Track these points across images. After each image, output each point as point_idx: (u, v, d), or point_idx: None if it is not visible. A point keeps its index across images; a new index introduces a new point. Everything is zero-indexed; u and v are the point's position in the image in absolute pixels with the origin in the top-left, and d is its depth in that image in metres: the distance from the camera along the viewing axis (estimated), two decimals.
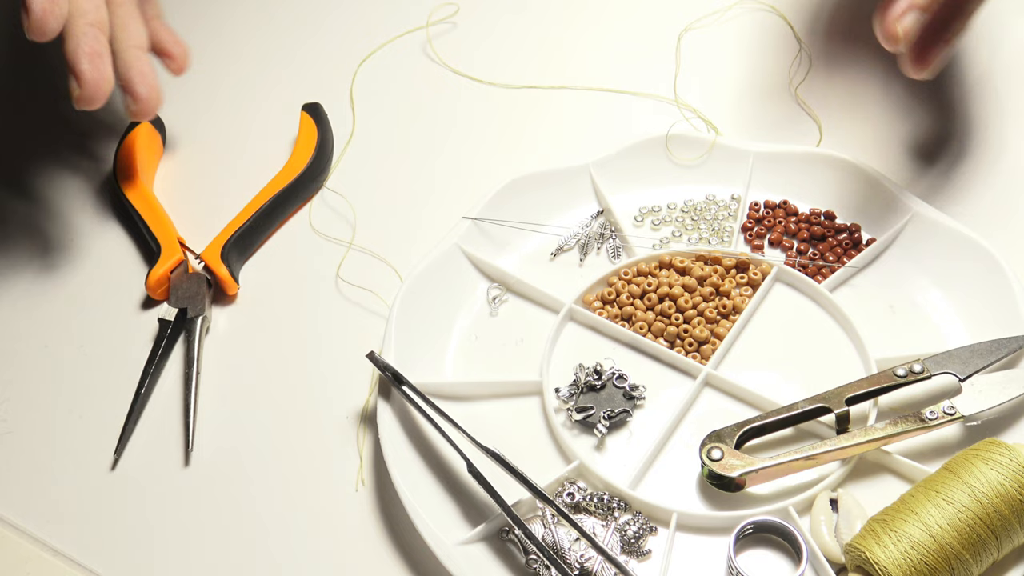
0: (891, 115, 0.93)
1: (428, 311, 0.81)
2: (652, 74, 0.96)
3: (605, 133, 0.92)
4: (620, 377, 0.77)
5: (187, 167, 0.95)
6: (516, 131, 0.95)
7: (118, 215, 0.92)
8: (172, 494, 0.76)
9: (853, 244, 0.83)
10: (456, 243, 0.83)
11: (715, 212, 0.86)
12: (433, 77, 0.99)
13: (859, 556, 0.66)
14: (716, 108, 0.93)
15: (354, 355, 0.79)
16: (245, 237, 0.87)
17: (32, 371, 0.83)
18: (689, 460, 0.74)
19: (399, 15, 1.02)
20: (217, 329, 0.84)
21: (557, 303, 0.81)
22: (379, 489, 0.75)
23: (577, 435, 0.75)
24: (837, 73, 0.96)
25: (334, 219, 0.90)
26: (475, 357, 0.80)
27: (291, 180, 0.89)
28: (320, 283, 0.86)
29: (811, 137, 0.91)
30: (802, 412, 0.73)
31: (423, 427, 0.75)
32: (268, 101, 0.99)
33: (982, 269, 0.79)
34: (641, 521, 0.71)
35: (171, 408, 0.80)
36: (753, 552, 0.70)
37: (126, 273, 0.88)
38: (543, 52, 1.00)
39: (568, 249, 0.85)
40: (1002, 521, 0.65)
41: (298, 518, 0.74)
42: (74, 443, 0.79)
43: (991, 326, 0.76)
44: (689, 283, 0.81)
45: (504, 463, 0.71)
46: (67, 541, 0.74)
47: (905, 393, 0.75)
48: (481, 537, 0.71)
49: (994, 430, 0.73)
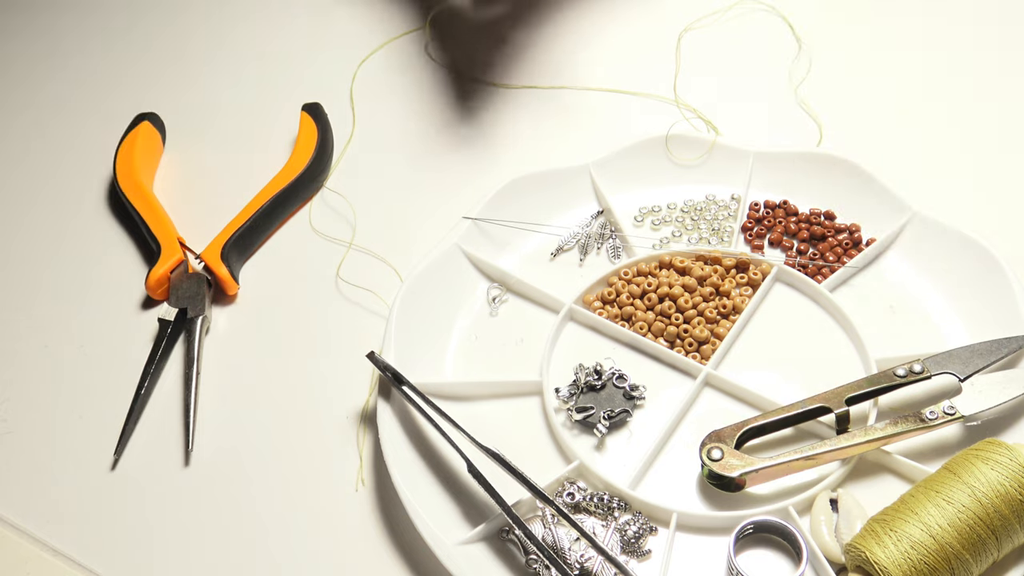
0: (891, 115, 0.93)
1: (428, 311, 0.80)
2: (652, 74, 0.96)
3: (605, 133, 0.92)
4: (620, 377, 0.77)
5: (187, 167, 0.95)
6: (516, 131, 0.95)
7: (118, 215, 0.92)
8: (172, 494, 0.76)
9: (853, 244, 0.83)
10: (456, 243, 0.83)
11: (715, 212, 0.86)
12: (433, 77, 0.99)
13: (859, 556, 0.66)
14: (716, 108, 0.93)
15: (354, 355, 0.79)
16: (245, 237, 0.87)
17: (32, 371, 0.83)
18: (689, 460, 0.74)
19: (399, 15, 1.02)
20: (217, 329, 0.84)
21: (557, 303, 0.81)
22: (379, 489, 0.75)
23: (577, 435, 0.75)
24: (837, 73, 0.96)
25: (334, 219, 0.90)
26: (475, 357, 0.80)
27: (291, 180, 0.89)
28: (320, 283, 0.86)
29: (811, 137, 0.91)
30: (802, 412, 0.73)
31: (423, 427, 0.75)
32: (268, 101, 0.99)
33: (982, 269, 0.79)
34: (641, 521, 0.71)
35: (171, 408, 0.80)
36: (753, 552, 0.70)
37: (126, 273, 0.88)
38: (543, 52, 1.00)
39: (568, 249, 0.85)
40: (1002, 521, 0.65)
41: (298, 518, 0.74)
42: (74, 443, 0.79)
43: (991, 326, 0.76)
44: (689, 283, 0.81)
45: (504, 463, 0.71)
46: (67, 541, 0.74)
47: (905, 393, 0.75)
48: (481, 537, 0.71)
49: (994, 430, 0.73)
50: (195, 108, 0.99)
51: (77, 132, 0.98)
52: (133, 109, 0.96)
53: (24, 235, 0.91)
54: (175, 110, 0.97)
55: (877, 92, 0.94)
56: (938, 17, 1.00)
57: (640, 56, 0.99)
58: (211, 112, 0.98)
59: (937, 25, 1.00)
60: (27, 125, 0.99)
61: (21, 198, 0.94)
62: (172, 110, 0.97)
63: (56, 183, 0.94)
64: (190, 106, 0.99)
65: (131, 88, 1.01)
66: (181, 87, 1.01)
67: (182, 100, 0.99)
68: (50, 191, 0.94)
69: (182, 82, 1.01)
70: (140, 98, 0.99)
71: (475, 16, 1.02)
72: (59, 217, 0.92)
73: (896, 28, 1.00)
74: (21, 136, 0.98)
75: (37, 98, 1.01)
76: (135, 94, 1.00)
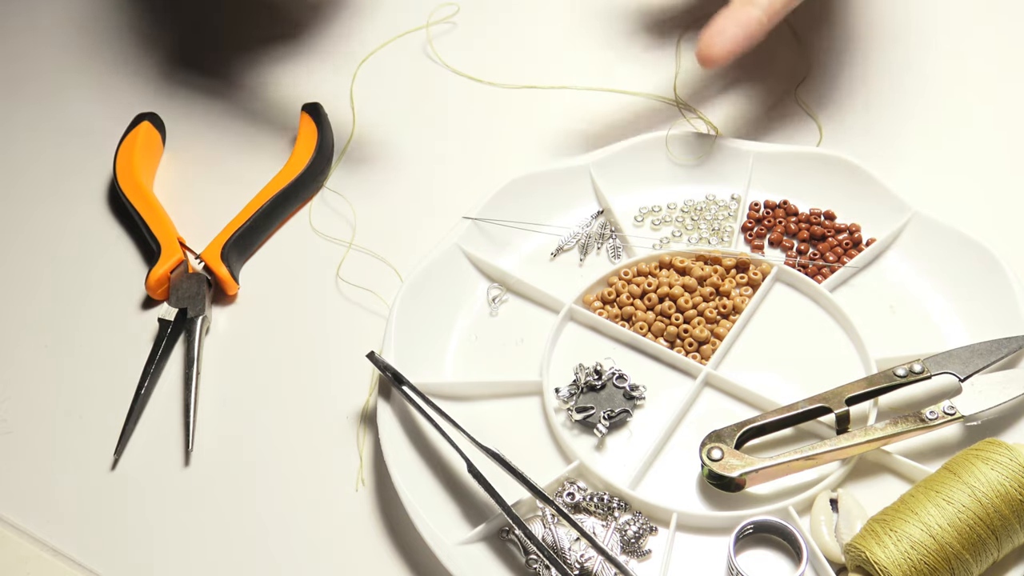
0: (891, 115, 0.93)
1: (428, 311, 0.80)
2: (652, 74, 0.96)
3: (605, 133, 0.92)
4: (620, 377, 0.77)
5: (187, 167, 0.95)
6: (516, 131, 0.94)
7: (118, 215, 0.92)
8: (172, 494, 0.76)
9: (853, 244, 0.83)
10: (456, 243, 0.83)
11: (715, 212, 0.86)
12: (433, 77, 0.99)
13: (859, 556, 0.66)
14: (716, 108, 0.93)
15: (354, 355, 0.79)
16: (245, 237, 0.87)
17: (32, 371, 0.83)
18: (689, 460, 0.74)
19: (399, 15, 1.02)
20: (217, 329, 0.84)
21: (557, 303, 0.81)
22: (379, 489, 0.75)
23: (577, 435, 0.75)
24: (837, 73, 0.96)
25: (334, 219, 0.90)
26: (475, 357, 0.80)
27: (291, 180, 0.89)
28: (320, 283, 0.86)
29: (811, 137, 0.91)
30: (802, 412, 0.73)
31: (423, 427, 0.75)
32: (268, 101, 0.99)
33: (982, 269, 0.79)
34: (641, 521, 0.71)
35: (171, 408, 0.80)
36: (753, 552, 0.70)
37: (126, 273, 0.88)
38: (543, 52, 1.00)
39: (568, 249, 0.85)
40: (1002, 521, 0.65)
41: (298, 518, 0.74)
42: (74, 443, 0.79)
43: (991, 326, 0.76)
44: (689, 283, 0.81)
45: (504, 463, 0.71)
46: (67, 541, 0.74)
47: (905, 393, 0.75)
48: (481, 537, 0.71)
49: (994, 430, 0.73)
50: (195, 108, 0.98)
51: (77, 132, 0.98)
52: (133, 109, 0.96)
53: (24, 235, 0.91)
54: (175, 110, 0.97)
55: (877, 92, 0.94)
56: (938, 17, 1.00)
57: (640, 56, 0.99)
58: (211, 112, 0.98)
59: (937, 25, 1.00)
60: (27, 125, 0.99)
61: (21, 198, 0.94)
62: (172, 110, 0.97)
63: (56, 183, 0.94)
64: (190, 106, 0.99)
65: (131, 88, 1.01)
66: (181, 87, 1.01)
67: (182, 100, 0.99)
68: (50, 191, 0.94)
69: (182, 82, 1.01)
70: (140, 98, 0.99)
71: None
72: (59, 217, 0.92)
73: (896, 28, 1.00)
74: (21, 136, 0.98)
75: (37, 98, 1.01)
76: (135, 94, 1.00)
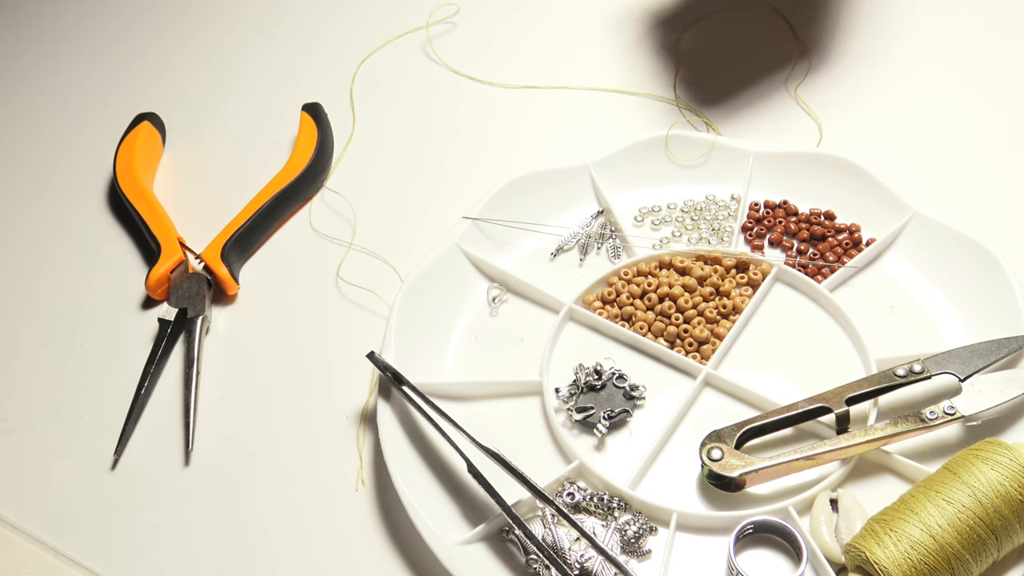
0: (891, 115, 0.93)
1: (428, 311, 0.80)
2: (652, 74, 0.96)
3: (605, 133, 0.92)
4: (620, 377, 0.77)
5: (187, 167, 0.95)
6: (516, 131, 0.95)
7: (118, 215, 0.92)
8: (172, 494, 0.76)
9: (853, 244, 0.83)
10: (456, 243, 0.83)
11: (715, 212, 0.86)
12: (433, 77, 0.99)
13: (859, 556, 0.66)
14: (716, 108, 0.93)
15: (354, 355, 0.79)
16: (245, 237, 0.87)
17: (32, 371, 0.83)
18: (689, 460, 0.74)
19: (399, 15, 1.02)
20: (217, 329, 0.84)
21: (557, 303, 0.81)
22: (379, 489, 0.75)
23: (577, 435, 0.75)
24: (837, 73, 0.96)
25: (334, 219, 0.90)
26: (475, 357, 0.80)
27: (291, 180, 0.89)
28: (320, 283, 0.86)
29: (811, 137, 0.91)
30: (802, 412, 0.73)
31: (423, 427, 0.75)
32: (268, 101, 0.99)
33: (982, 269, 0.79)
34: (641, 521, 0.71)
35: (171, 408, 0.80)
36: (753, 552, 0.70)
37: (126, 273, 0.88)
38: (543, 52, 1.00)
39: (568, 249, 0.85)
40: (1002, 521, 0.65)
41: (298, 518, 0.74)
42: (74, 443, 0.79)
43: (991, 326, 0.77)
44: (689, 283, 0.81)
45: (504, 463, 0.71)
46: (67, 541, 0.74)
47: (905, 393, 0.75)
48: (481, 537, 0.71)
49: (994, 430, 0.73)
50: (195, 108, 0.99)
51: (77, 132, 0.98)
52: (133, 109, 0.96)
53: (24, 235, 0.91)
54: (175, 110, 0.98)
55: (877, 92, 0.94)
56: (938, 17, 1.00)
57: (640, 56, 0.99)
58: (211, 112, 0.98)
59: (937, 25, 1.00)
60: (27, 125, 0.99)
61: (21, 198, 0.94)
62: (172, 110, 0.97)
63: (56, 183, 0.94)
64: (190, 106, 0.99)
65: (131, 88, 1.01)
66: (181, 87, 1.01)
67: (182, 100, 0.99)
68: (50, 191, 0.94)
69: (182, 82, 1.01)
70: (140, 98, 0.99)
71: None
72: (59, 217, 0.92)
73: (896, 28, 1.00)
74: (22, 136, 0.98)
75: (38, 98, 1.01)
76: (135, 94, 1.00)
